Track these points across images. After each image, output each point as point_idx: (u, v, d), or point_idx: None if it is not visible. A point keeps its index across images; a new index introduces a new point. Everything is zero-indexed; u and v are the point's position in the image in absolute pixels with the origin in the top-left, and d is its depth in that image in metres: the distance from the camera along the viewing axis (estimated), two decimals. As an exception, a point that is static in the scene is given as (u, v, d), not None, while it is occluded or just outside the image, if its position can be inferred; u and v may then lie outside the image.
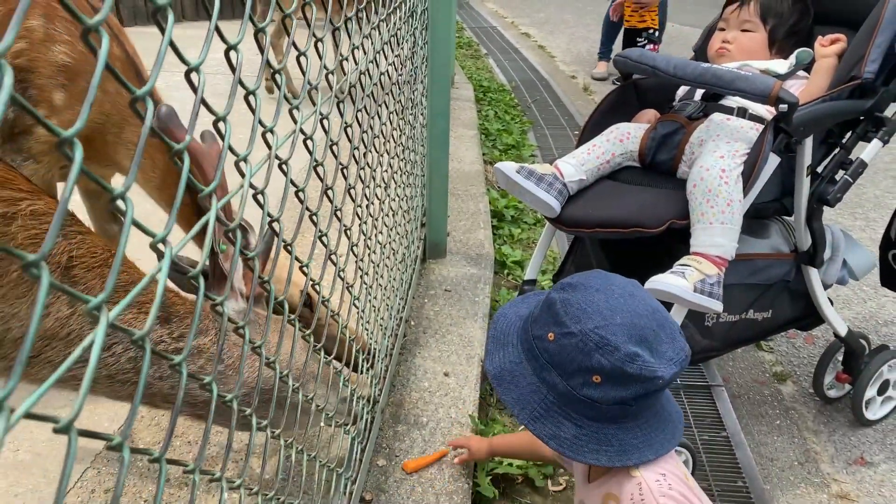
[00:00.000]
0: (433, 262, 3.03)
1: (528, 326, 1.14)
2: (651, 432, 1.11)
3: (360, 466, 1.75)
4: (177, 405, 0.65)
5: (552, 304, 1.09)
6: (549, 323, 1.08)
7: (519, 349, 1.15)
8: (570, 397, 1.06)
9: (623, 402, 1.05)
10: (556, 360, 1.07)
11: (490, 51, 8.41)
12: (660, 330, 1.06)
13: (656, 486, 1.07)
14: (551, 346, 1.07)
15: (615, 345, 1.02)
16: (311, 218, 1.12)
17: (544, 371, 1.08)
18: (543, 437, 1.07)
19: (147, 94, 0.56)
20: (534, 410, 1.09)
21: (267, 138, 0.88)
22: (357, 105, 1.38)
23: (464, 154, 4.44)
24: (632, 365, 1.02)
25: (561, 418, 1.08)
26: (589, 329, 1.03)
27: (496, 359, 1.16)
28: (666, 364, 1.04)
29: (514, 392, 1.11)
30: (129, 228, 0.54)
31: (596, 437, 1.07)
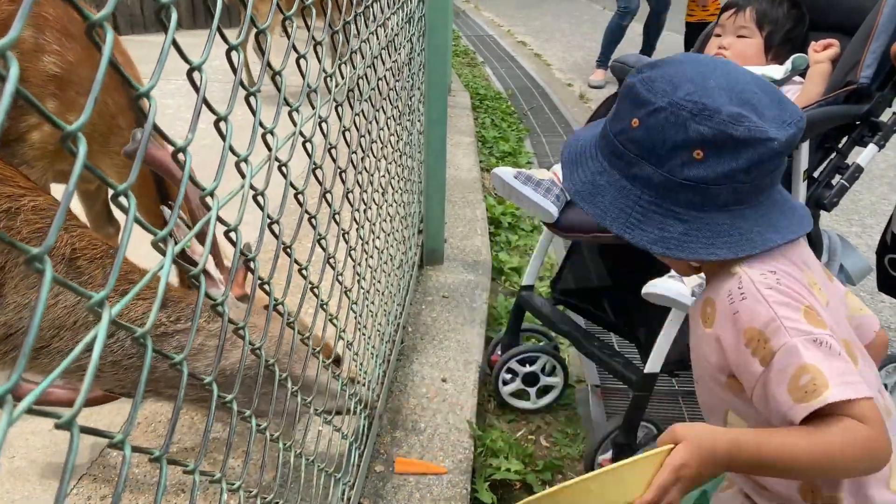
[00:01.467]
0: (430, 269, 3.03)
1: (606, 129, 1.00)
2: (772, 217, 0.95)
3: (358, 472, 1.74)
4: (177, 405, 0.65)
5: (631, 88, 0.95)
6: (631, 109, 0.94)
7: (599, 157, 1.00)
8: (670, 186, 0.92)
9: (733, 179, 0.90)
10: (646, 147, 0.92)
11: (486, 59, 8.43)
12: (763, 93, 0.91)
13: (760, 279, 0.92)
14: (637, 134, 0.93)
15: (714, 107, 0.88)
16: (311, 221, 1.12)
17: (634, 167, 0.94)
18: (646, 244, 0.94)
19: (149, 92, 0.57)
20: (629, 217, 0.95)
21: (267, 140, 0.89)
22: (355, 109, 1.39)
23: (461, 161, 4.44)
24: (737, 127, 0.87)
25: (662, 217, 0.93)
26: (679, 98, 0.89)
27: (575, 176, 1.02)
28: (778, 126, 0.90)
29: (602, 202, 0.97)
30: (131, 225, 0.54)
31: (709, 229, 0.92)
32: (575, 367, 2.56)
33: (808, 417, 0.83)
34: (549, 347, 2.33)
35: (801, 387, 0.84)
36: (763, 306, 0.90)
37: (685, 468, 0.82)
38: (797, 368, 0.85)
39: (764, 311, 0.89)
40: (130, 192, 0.54)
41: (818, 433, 0.82)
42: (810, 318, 0.88)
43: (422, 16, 2.48)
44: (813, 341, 0.86)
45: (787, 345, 0.86)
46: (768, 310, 0.89)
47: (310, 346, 1.16)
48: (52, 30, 1.75)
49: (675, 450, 0.84)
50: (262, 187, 0.88)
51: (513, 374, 2.30)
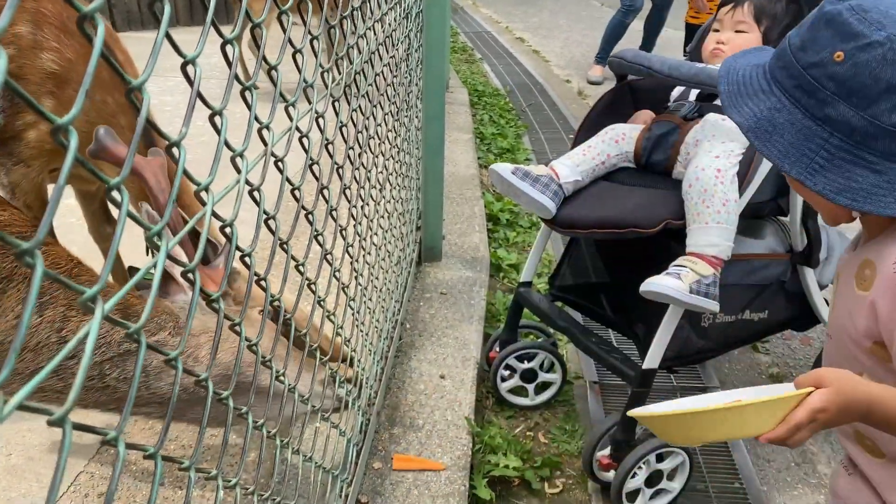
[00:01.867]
0: (428, 266, 3.02)
1: (789, 59, 0.90)
2: None
3: (356, 469, 1.74)
4: (172, 402, 0.65)
5: (834, 17, 0.86)
6: (833, 40, 0.85)
7: (775, 93, 0.91)
8: (871, 132, 0.84)
9: None
10: (849, 87, 0.84)
11: (484, 55, 8.42)
12: None
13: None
14: (840, 70, 0.84)
15: None
16: (307, 217, 1.11)
17: (827, 107, 0.86)
18: (829, 193, 0.86)
19: (143, 85, 0.56)
20: (811, 161, 0.87)
21: (263, 135, 0.88)
22: (352, 105, 1.38)
23: (459, 158, 4.44)
24: None
25: (851, 165, 0.86)
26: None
27: (746, 109, 0.93)
28: None
29: (780, 143, 0.89)
30: (124, 219, 0.53)
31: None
32: (573, 364, 2.56)
33: None
34: (547, 344, 2.33)
35: None
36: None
37: (823, 412, 0.83)
38: None
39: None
40: (123, 187, 0.54)
41: None
42: None
43: (419, 11, 2.48)
44: None
45: None
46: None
47: (307, 342, 1.15)
48: (51, 26, 1.74)
49: (817, 392, 0.84)
50: (258, 183, 0.87)
51: (511, 371, 2.29)
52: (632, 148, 1.90)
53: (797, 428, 0.83)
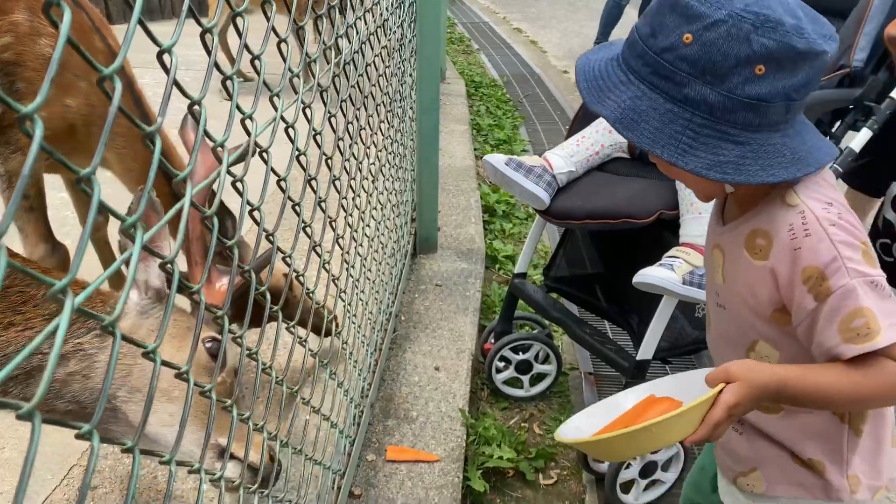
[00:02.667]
0: (424, 257, 3.01)
1: (641, 48, 0.92)
2: (811, 136, 0.94)
3: (349, 461, 1.74)
4: (150, 394, 0.64)
5: (677, 1, 0.88)
6: (680, 23, 0.87)
7: (633, 82, 0.93)
8: (728, 105, 0.87)
9: (788, 96, 0.87)
10: (702, 65, 0.86)
11: (482, 46, 8.39)
12: (800, 8, 0.87)
13: (823, 213, 0.90)
14: (690, 51, 0.86)
15: (776, 18, 0.83)
16: (294, 208, 1.10)
17: (685, 88, 0.88)
18: (700, 170, 0.88)
19: (115, 73, 0.55)
20: (679, 142, 0.89)
21: (246, 125, 0.87)
22: (341, 95, 1.37)
23: (455, 149, 4.42)
24: (801, 39, 0.84)
25: (716, 140, 0.88)
26: (739, 9, 0.84)
27: (609, 102, 0.93)
28: (823, 39, 0.86)
29: (647, 129, 0.90)
30: (95, 210, 0.52)
31: (763, 150, 0.89)
32: (568, 355, 2.55)
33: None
34: (542, 335, 2.32)
35: (853, 328, 0.86)
36: (826, 244, 0.89)
37: (737, 407, 0.87)
38: (853, 310, 0.87)
39: (826, 250, 0.88)
40: (95, 177, 0.53)
41: (859, 375, 0.87)
42: (867, 258, 0.89)
43: (413, 1, 2.46)
44: (870, 283, 0.87)
45: (847, 286, 0.87)
46: (831, 249, 0.88)
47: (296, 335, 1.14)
48: None
49: (729, 389, 0.87)
50: (241, 173, 0.86)
51: (506, 362, 2.29)
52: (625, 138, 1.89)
53: (717, 426, 0.86)
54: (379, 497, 1.74)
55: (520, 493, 1.99)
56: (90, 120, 1.86)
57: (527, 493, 1.99)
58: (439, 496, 1.75)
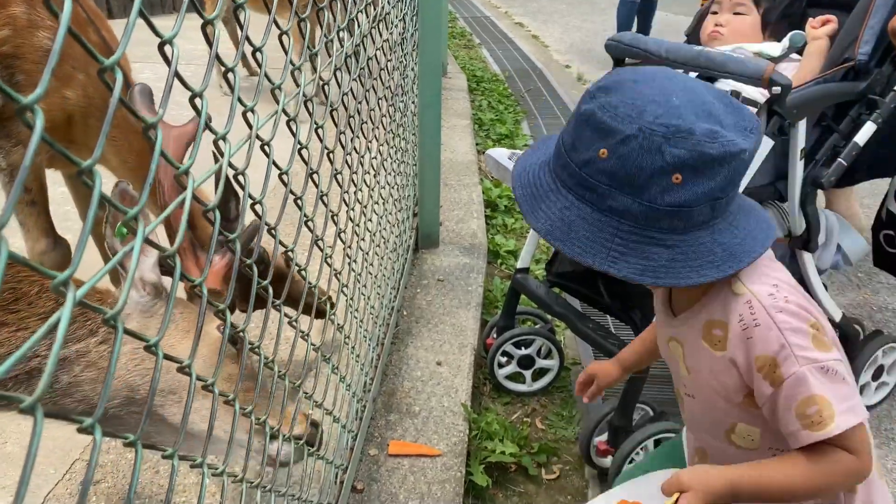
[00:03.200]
0: (426, 252, 3.01)
1: (565, 160, 0.94)
2: (747, 224, 0.94)
3: (352, 455, 1.74)
4: (153, 387, 0.64)
5: (590, 116, 0.89)
6: (595, 139, 0.89)
7: (562, 192, 0.94)
8: (651, 214, 0.88)
9: (713, 197, 0.88)
10: (620, 179, 0.87)
11: (483, 41, 8.37)
12: (719, 101, 0.89)
13: (770, 301, 0.92)
14: (608, 165, 0.88)
15: (686, 128, 0.84)
16: (296, 202, 1.10)
17: (608, 199, 0.89)
18: (633, 276, 0.90)
19: (115, 64, 0.54)
20: (610, 250, 0.90)
21: (248, 118, 0.86)
22: (343, 88, 1.36)
23: (457, 144, 4.41)
24: (712, 144, 0.85)
25: (645, 245, 0.90)
26: (649, 122, 0.85)
27: (541, 214, 0.95)
28: (743, 134, 0.87)
29: (578, 240, 0.92)
30: (96, 203, 0.52)
31: (693, 251, 0.90)
32: (570, 350, 2.55)
33: None
34: (544, 330, 2.32)
35: (808, 415, 0.89)
36: (775, 333, 0.91)
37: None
38: (806, 398, 0.89)
39: (775, 338, 0.91)
40: (96, 169, 0.52)
41: (812, 466, 0.90)
42: (818, 342, 0.91)
43: (414, -5, 2.45)
44: (820, 369, 0.89)
45: (797, 374, 0.89)
46: (779, 336, 0.90)
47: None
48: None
49: (684, 497, 0.90)
50: (244, 168, 0.86)
51: (508, 357, 2.29)
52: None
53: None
54: (381, 492, 1.74)
55: (522, 487, 1.99)
56: (88, 112, 1.86)
57: (529, 488, 1.99)
58: (442, 490, 1.75)
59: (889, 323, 2.79)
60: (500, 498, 1.95)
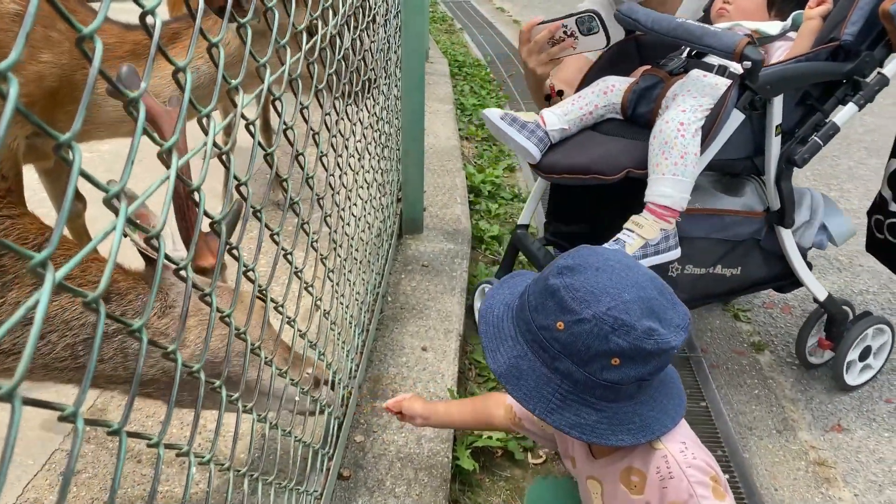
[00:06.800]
0: (410, 238, 2.98)
1: (527, 317, 1.09)
2: (663, 401, 1.11)
3: (338, 442, 1.72)
4: (137, 372, 0.61)
5: (555, 291, 1.04)
6: (556, 311, 1.03)
7: (520, 341, 1.09)
8: (589, 383, 1.03)
9: (641, 379, 1.04)
10: (570, 349, 1.02)
11: (465, 25, 8.31)
12: (661, 297, 1.03)
13: (682, 458, 1.07)
14: (562, 336, 1.02)
15: (631, 324, 0.99)
16: (282, 185, 1.07)
17: (556, 361, 1.04)
18: (564, 427, 1.04)
19: (94, 33, 0.51)
20: (549, 402, 1.05)
21: (231, 95, 0.83)
22: (328, 69, 1.33)
23: (439, 129, 4.38)
24: (649, 341, 0.99)
25: (579, 406, 1.04)
26: (602, 312, 0.99)
27: (499, 356, 1.10)
28: (675, 332, 1.02)
29: (525, 387, 1.06)
30: (76, 178, 0.49)
31: (617, 418, 1.05)
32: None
33: None
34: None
35: None
36: (685, 484, 1.05)
37: None
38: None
39: (686, 489, 1.05)
40: (75, 143, 0.50)
41: None
42: (716, 493, 1.06)
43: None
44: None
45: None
46: (689, 488, 1.05)
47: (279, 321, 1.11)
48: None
49: None
50: (229, 147, 0.83)
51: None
52: (619, 100, 1.90)
53: None
54: (368, 478, 1.72)
55: (508, 472, 1.98)
56: (74, 78, 1.80)
57: (515, 472, 1.98)
58: (429, 476, 1.74)
59: (869, 305, 2.82)
60: (486, 483, 1.94)
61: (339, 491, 1.68)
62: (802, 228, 2.02)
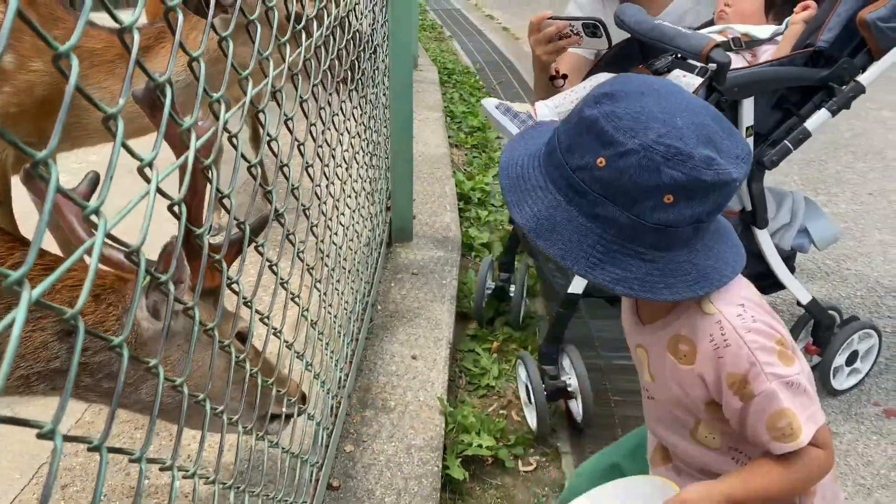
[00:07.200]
0: (399, 246, 2.99)
1: (559, 160, 0.93)
2: (720, 248, 0.97)
3: (327, 453, 1.71)
4: (117, 391, 0.61)
5: (592, 123, 0.89)
6: (595, 146, 0.88)
7: (551, 190, 0.94)
8: (637, 228, 0.89)
9: (698, 220, 0.91)
10: (613, 190, 0.88)
11: (454, 33, 8.35)
12: (717, 125, 0.90)
13: (739, 322, 0.95)
14: (604, 174, 0.88)
15: (687, 152, 0.85)
16: (266, 196, 1.07)
17: (597, 207, 0.90)
18: (607, 283, 0.91)
19: (70, 51, 0.52)
20: (590, 256, 0.91)
21: (214, 108, 0.84)
22: (313, 80, 1.33)
23: (429, 137, 4.39)
24: (708, 171, 0.86)
25: (624, 257, 0.91)
26: (651, 141, 0.85)
27: (526, 209, 0.95)
28: (735, 163, 0.89)
29: (560, 241, 0.92)
30: (53, 196, 0.49)
31: (669, 268, 0.92)
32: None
33: None
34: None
35: (778, 428, 0.94)
36: (745, 352, 0.93)
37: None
38: (775, 411, 0.93)
39: (745, 357, 0.93)
40: (51, 161, 0.50)
41: (790, 468, 0.96)
42: (784, 357, 0.94)
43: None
44: (787, 384, 0.93)
45: (767, 390, 0.93)
46: (749, 356, 0.93)
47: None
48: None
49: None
50: (211, 160, 0.83)
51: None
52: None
53: None
54: (357, 488, 1.72)
55: (499, 480, 1.98)
56: (64, 88, 1.80)
57: (506, 480, 1.98)
58: (418, 485, 1.74)
59: (857, 310, 2.83)
60: (477, 491, 1.94)
61: (328, 501, 1.67)
62: (782, 230, 2.03)
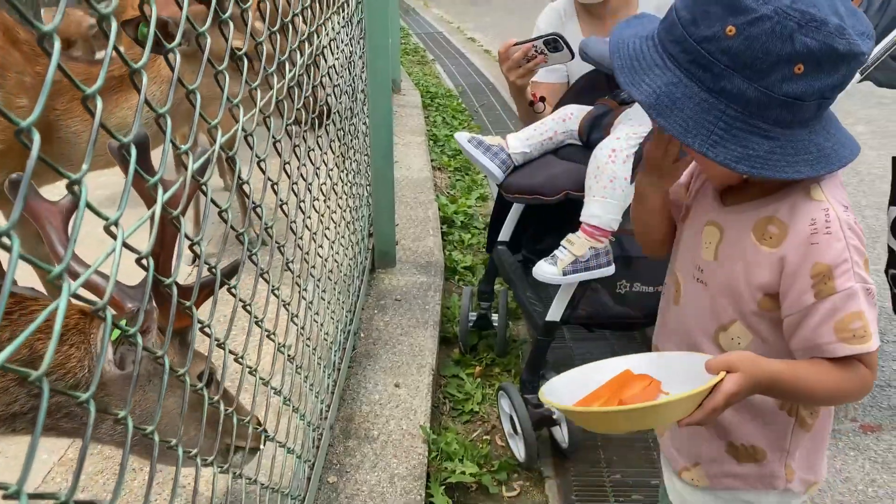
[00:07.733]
0: (382, 272, 3.00)
1: (680, 34, 0.91)
2: (837, 130, 0.96)
3: (309, 485, 1.72)
4: (84, 444, 0.63)
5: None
6: (724, 14, 0.86)
7: (670, 67, 0.92)
8: (764, 102, 0.87)
9: (823, 95, 0.89)
10: (742, 60, 0.86)
11: (436, 56, 8.42)
12: (839, 2, 0.87)
13: (845, 216, 0.94)
14: (733, 44, 0.86)
15: (821, 18, 0.83)
16: (238, 238, 1.09)
17: (722, 80, 0.88)
18: (729, 162, 0.89)
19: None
20: (711, 133, 0.89)
21: (182, 158, 0.86)
22: (286, 119, 1.36)
23: (412, 161, 4.42)
24: (841, 40, 0.84)
25: (746, 134, 0.89)
26: (786, 6, 0.83)
27: (644, 86, 0.93)
28: (861, 38, 0.87)
29: (680, 118, 0.90)
30: (14, 264, 0.50)
31: (792, 146, 0.90)
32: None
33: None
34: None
35: (851, 329, 0.92)
36: (842, 245, 0.92)
37: (735, 396, 0.90)
38: (853, 312, 0.92)
39: (841, 250, 0.92)
40: (14, 234, 0.51)
41: (841, 374, 0.94)
42: (867, 267, 0.94)
43: (360, 19, 2.46)
44: (867, 291, 0.93)
45: (851, 289, 0.92)
46: (845, 251, 0.92)
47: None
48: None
49: (730, 378, 0.90)
50: (179, 212, 0.85)
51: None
52: (576, 126, 2.00)
53: (713, 411, 0.89)
54: (341, 520, 1.72)
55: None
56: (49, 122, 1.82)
57: (490, 507, 1.99)
58: (402, 515, 1.74)
59: None
60: (461, 518, 1.95)
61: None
62: None
